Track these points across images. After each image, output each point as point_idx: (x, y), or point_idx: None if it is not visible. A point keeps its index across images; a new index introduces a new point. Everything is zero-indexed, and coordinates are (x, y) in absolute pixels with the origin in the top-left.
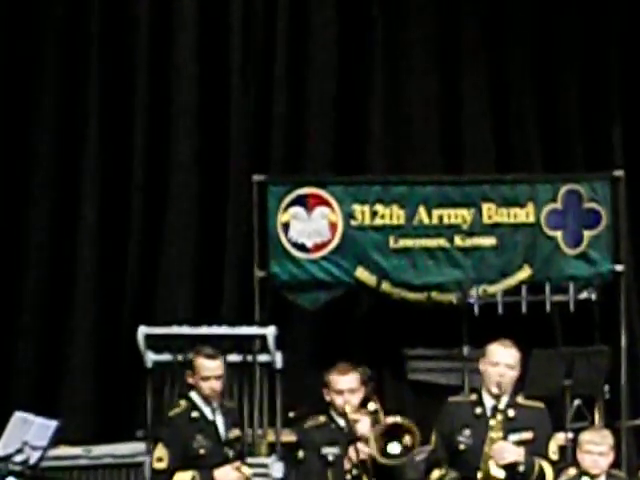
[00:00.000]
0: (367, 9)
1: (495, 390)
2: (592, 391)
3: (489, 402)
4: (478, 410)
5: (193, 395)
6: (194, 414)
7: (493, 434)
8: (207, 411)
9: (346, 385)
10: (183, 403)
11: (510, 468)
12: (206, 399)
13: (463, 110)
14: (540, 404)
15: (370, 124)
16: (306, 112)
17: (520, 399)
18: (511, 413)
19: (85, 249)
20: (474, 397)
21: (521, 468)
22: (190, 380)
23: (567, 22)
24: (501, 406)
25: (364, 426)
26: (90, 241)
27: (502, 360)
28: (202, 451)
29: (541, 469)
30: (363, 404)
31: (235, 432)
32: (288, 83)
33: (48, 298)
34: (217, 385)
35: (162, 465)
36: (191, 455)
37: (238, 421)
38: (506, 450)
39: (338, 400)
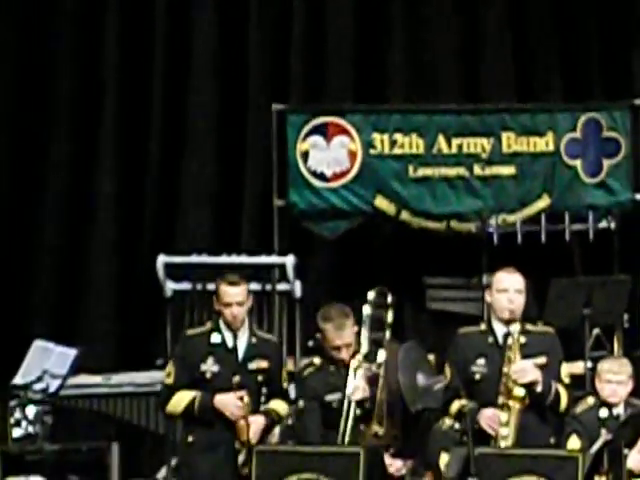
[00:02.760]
0: None
1: (507, 315)
2: (611, 320)
3: (500, 330)
4: (490, 339)
5: (220, 321)
6: (215, 338)
7: (510, 354)
8: (229, 337)
9: (343, 341)
10: (208, 325)
11: (528, 388)
12: (229, 325)
13: (483, 39)
14: (550, 329)
15: (390, 53)
16: (325, 41)
17: (529, 326)
18: (523, 339)
19: (104, 179)
20: (484, 327)
21: (539, 388)
22: (216, 306)
23: None
24: (513, 329)
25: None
26: (109, 172)
27: (511, 286)
28: (208, 375)
29: (557, 392)
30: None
31: (262, 364)
32: (307, 12)
33: (67, 228)
34: (238, 311)
35: (169, 381)
36: (198, 377)
37: (274, 354)
38: (526, 368)
39: (336, 354)
